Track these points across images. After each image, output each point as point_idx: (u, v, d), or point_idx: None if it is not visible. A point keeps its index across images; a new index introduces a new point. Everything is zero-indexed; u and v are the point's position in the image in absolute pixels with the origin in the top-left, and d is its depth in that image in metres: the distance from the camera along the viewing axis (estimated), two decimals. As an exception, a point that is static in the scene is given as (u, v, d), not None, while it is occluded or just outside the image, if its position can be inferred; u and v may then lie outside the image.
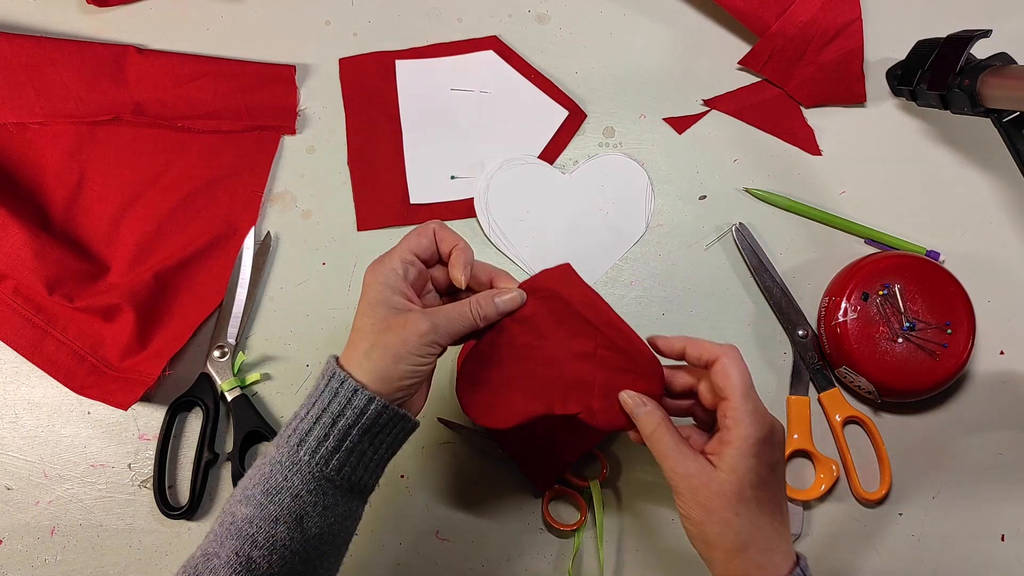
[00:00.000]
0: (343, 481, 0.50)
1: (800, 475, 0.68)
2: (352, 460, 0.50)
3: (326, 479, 0.49)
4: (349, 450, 0.50)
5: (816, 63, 0.73)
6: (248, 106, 0.71)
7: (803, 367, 0.69)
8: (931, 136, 0.74)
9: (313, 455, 0.49)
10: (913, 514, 0.68)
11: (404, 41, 0.74)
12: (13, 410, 0.67)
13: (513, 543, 0.66)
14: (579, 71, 0.75)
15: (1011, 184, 0.73)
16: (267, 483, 0.49)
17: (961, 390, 0.70)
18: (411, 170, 0.72)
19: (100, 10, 0.73)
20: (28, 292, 0.66)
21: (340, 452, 0.50)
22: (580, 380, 0.55)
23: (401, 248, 0.54)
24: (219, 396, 0.66)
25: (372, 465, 0.52)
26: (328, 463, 0.49)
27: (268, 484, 0.49)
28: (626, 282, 0.71)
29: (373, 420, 0.50)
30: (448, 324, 0.52)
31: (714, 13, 0.76)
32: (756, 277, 0.71)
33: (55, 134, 0.70)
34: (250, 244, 0.69)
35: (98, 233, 0.69)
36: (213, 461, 0.65)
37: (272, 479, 0.49)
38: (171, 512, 0.64)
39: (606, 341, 0.55)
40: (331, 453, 0.49)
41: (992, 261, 0.72)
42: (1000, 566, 0.68)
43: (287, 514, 0.48)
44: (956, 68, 0.66)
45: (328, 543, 0.51)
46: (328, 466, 0.49)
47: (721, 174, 0.73)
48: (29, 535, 0.65)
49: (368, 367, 0.51)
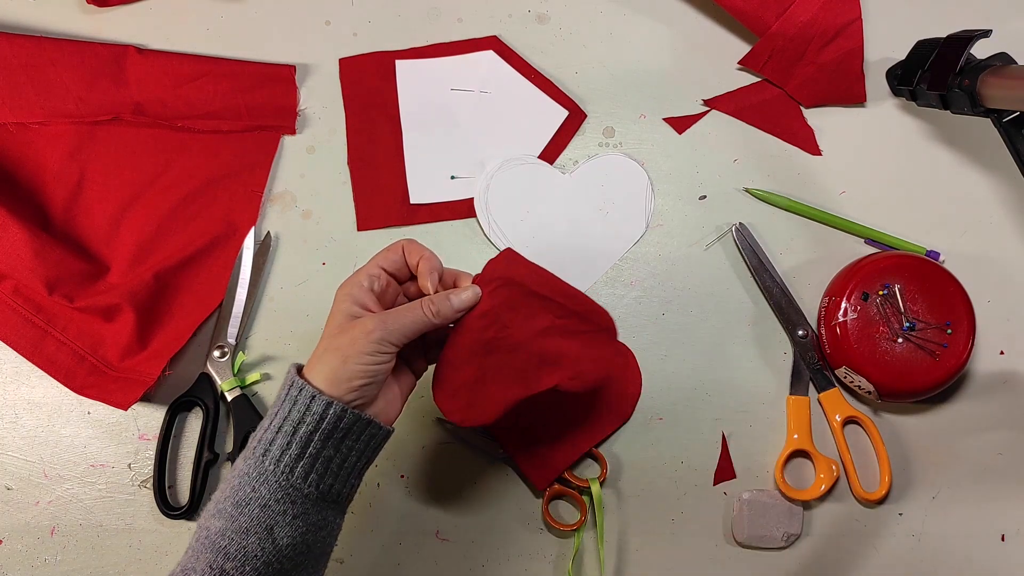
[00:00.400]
0: (311, 489, 0.50)
1: (800, 475, 0.68)
2: (319, 467, 0.50)
3: (293, 488, 0.49)
4: (313, 456, 0.50)
5: (816, 63, 0.73)
6: (248, 106, 0.71)
7: (803, 367, 0.69)
8: (931, 136, 0.74)
9: (277, 464, 0.49)
10: (913, 514, 0.68)
11: (404, 41, 0.74)
12: (13, 410, 0.67)
13: (513, 543, 0.66)
14: (579, 71, 0.75)
15: (1011, 184, 0.73)
16: (236, 495, 0.49)
17: (961, 390, 0.70)
18: (411, 170, 0.72)
19: (100, 10, 0.73)
20: (28, 292, 0.66)
21: (304, 459, 0.50)
22: (549, 354, 0.56)
23: (369, 264, 0.55)
24: (219, 396, 0.66)
25: (343, 474, 0.52)
26: (293, 471, 0.49)
27: (237, 496, 0.49)
28: (626, 282, 0.71)
29: (333, 425, 0.50)
30: (398, 322, 0.52)
31: (714, 13, 0.76)
32: (756, 277, 0.71)
33: (55, 134, 0.70)
34: (250, 244, 0.69)
35: (98, 233, 0.69)
36: (213, 461, 0.65)
37: (241, 491, 0.49)
38: (171, 512, 0.64)
39: (562, 310, 0.57)
40: (295, 461, 0.50)
41: (992, 261, 0.72)
42: (1000, 566, 0.68)
43: (257, 525, 0.48)
44: (956, 68, 0.66)
45: (303, 554, 0.50)
46: (293, 474, 0.49)
47: (721, 174, 0.73)
48: (29, 535, 0.65)
49: (320, 370, 0.51)
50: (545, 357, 0.56)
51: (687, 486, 0.68)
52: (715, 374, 0.69)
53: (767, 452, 0.68)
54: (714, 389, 0.69)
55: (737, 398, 0.69)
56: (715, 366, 0.70)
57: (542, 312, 0.56)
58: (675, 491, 0.68)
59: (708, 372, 0.69)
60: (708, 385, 0.69)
